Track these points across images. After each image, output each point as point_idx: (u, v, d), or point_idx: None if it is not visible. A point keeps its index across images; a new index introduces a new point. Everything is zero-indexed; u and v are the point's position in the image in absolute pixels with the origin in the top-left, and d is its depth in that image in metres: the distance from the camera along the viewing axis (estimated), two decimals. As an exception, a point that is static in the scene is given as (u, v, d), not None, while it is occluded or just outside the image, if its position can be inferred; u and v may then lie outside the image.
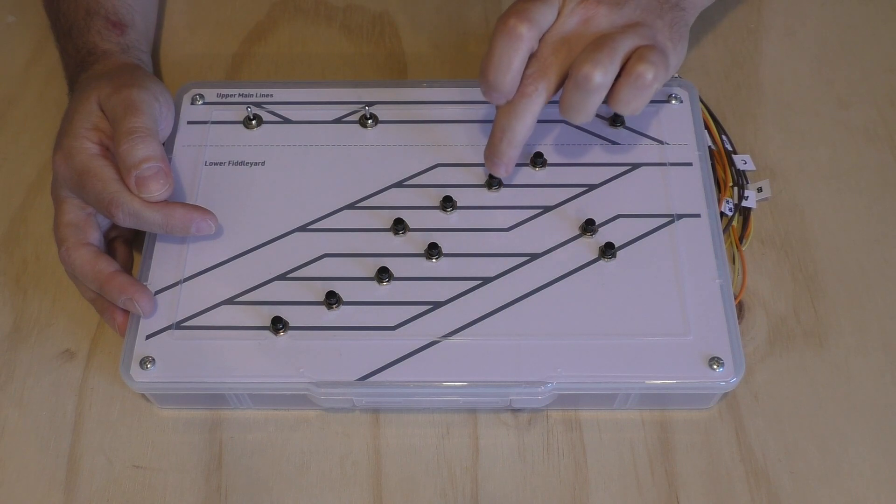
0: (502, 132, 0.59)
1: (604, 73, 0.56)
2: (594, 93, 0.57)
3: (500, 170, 0.61)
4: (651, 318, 0.57)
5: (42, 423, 0.59)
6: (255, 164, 0.65)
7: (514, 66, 0.57)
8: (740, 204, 0.65)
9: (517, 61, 0.57)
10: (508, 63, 0.56)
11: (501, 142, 0.60)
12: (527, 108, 0.58)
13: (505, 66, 0.57)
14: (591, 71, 0.56)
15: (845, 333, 0.61)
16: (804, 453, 0.57)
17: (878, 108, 0.71)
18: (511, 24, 0.56)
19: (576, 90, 0.57)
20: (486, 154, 0.61)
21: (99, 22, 0.67)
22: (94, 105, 0.61)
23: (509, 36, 0.56)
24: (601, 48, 0.56)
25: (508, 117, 0.59)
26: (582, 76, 0.56)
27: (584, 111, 0.58)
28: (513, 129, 0.59)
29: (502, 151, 0.60)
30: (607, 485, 0.56)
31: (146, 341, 0.57)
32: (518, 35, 0.56)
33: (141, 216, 0.58)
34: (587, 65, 0.56)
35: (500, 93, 0.58)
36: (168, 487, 0.57)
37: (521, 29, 0.56)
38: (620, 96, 0.57)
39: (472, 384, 0.56)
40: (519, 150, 0.60)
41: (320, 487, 0.57)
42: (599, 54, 0.56)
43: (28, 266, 0.65)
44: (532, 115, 0.59)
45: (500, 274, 0.59)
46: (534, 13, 0.56)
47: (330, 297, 0.58)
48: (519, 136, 0.59)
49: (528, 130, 0.59)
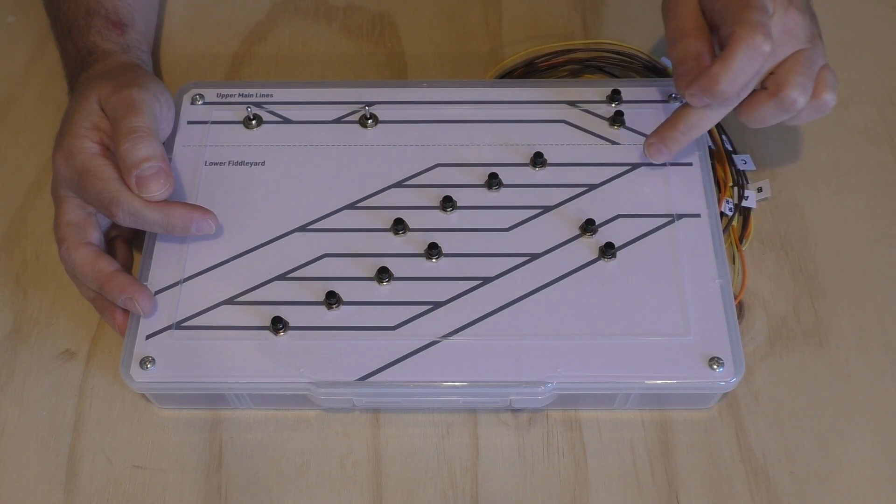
0: (688, 127, 0.60)
1: (807, 97, 0.58)
2: (793, 113, 0.58)
3: (663, 156, 0.62)
4: (651, 318, 0.57)
5: (42, 423, 0.59)
6: (255, 164, 0.65)
7: (747, 81, 0.57)
8: (740, 204, 0.65)
9: (752, 76, 0.57)
10: (744, 78, 0.57)
11: (684, 135, 0.61)
12: (723, 113, 0.60)
13: (741, 80, 0.56)
14: (798, 96, 0.57)
15: (845, 333, 0.61)
16: (804, 453, 0.57)
17: (878, 108, 0.71)
18: (759, 41, 0.55)
19: (777, 107, 0.58)
20: (655, 139, 0.62)
21: (99, 22, 0.67)
22: (94, 105, 0.61)
23: (755, 53, 0.55)
24: (805, 71, 0.58)
25: (702, 118, 0.60)
26: (790, 100, 0.57)
27: (770, 123, 0.60)
28: (700, 128, 0.61)
29: (678, 142, 0.61)
30: (607, 485, 0.56)
31: (146, 341, 0.57)
32: (763, 53, 0.55)
33: (141, 216, 0.58)
34: (795, 90, 0.57)
35: (718, 100, 0.58)
36: (168, 487, 0.57)
37: (766, 47, 0.55)
38: (803, 116, 0.60)
39: (472, 384, 0.56)
40: (689, 142, 0.62)
41: (320, 487, 0.57)
42: (805, 78, 0.57)
43: (28, 266, 0.65)
44: (722, 118, 0.60)
45: (500, 274, 0.59)
46: (770, 29, 0.56)
47: (330, 297, 0.58)
48: (700, 134, 0.61)
49: (708, 129, 0.61)
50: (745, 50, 0.55)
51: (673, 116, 0.61)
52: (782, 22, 0.58)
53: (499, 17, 0.77)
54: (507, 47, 0.75)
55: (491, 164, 0.64)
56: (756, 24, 0.55)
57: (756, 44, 0.55)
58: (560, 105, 0.66)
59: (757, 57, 0.56)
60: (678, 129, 0.61)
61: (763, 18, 0.56)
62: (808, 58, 0.58)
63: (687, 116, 0.60)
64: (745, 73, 0.56)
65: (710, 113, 0.60)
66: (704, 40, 0.59)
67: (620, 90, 0.66)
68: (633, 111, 0.66)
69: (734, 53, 0.55)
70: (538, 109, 0.66)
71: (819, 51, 0.59)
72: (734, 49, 0.55)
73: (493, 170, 0.63)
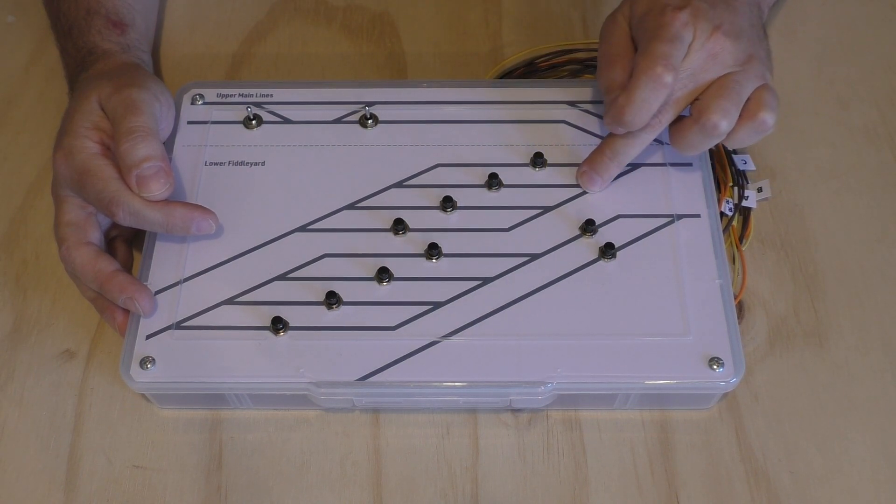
0: (614, 154, 0.61)
1: (730, 121, 0.57)
2: (717, 138, 0.58)
3: (597, 185, 0.62)
4: (651, 318, 0.57)
5: (42, 423, 0.59)
6: (255, 164, 0.65)
7: (654, 111, 0.57)
8: (740, 204, 0.65)
9: (657, 106, 0.57)
10: (649, 109, 0.57)
11: (612, 161, 0.61)
12: (647, 140, 0.60)
13: (646, 111, 0.57)
14: (720, 121, 0.57)
15: (845, 333, 0.61)
16: (804, 453, 0.57)
17: (878, 108, 0.71)
18: (658, 72, 0.56)
19: (700, 133, 0.58)
20: (586, 167, 0.62)
21: (99, 21, 0.67)
22: (94, 104, 0.61)
23: (656, 84, 0.56)
24: (728, 95, 0.57)
25: (625, 144, 0.60)
26: (711, 125, 0.57)
27: (700, 150, 0.60)
28: (626, 154, 0.61)
29: (607, 169, 0.61)
30: (607, 485, 0.56)
31: (146, 341, 0.57)
32: (664, 84, 0.56)
33: (141, 215, 0.58)
34: (716, 114, 0.57)
35: (631, 129, 0.58)
36: (168, 487, 0.57)
37: (668, 78, 0.56)
38: (739, 137, 0.59)
39: (472, 384, 0.56)
40: (621, 169, 0.62)
41: (320, 487, 0.57)
42: (727, 102, 0.57)
43: (28, 266, 0.65)
44: (648, 143, 0.60)
45: (500, 274, 0.59)
46: (676, 59, 0.56)
47: (330, 297, 0.58)
48: (628, 160, 0.61)
49: (637, 154, 0.61)
50: (646, 82, 0.56)
51: (601, 143, 0.62)
52: (705, 48, 0.57)
53: (499, 17, 0.77)
54: (507, 47, 0.75)
55: (491, 164, 0.64)
56: (657, 56, 0.56)
57: (655, 75, 0.56)
58: (560, 105, 0.66)
59: (659, 88, 0.56)
60: (606, 156, 0.61)
61: (666, 49, 0.56)
62: (735, 81, 0.57)
63: (612, 143, 0.61)
64: (649, 104, 0.56)
65: (633, 140, 0.60)
66: (629, 68, 0.59)
67: (620, 90, 0.66)
68: (633, 111, 0.66)
69: (635, 85, 0.56)
70: (538, 109, 0.66)
71: (752, 73, 0.58)
72: (635, 81, 0.56)
73: (493, 170, 0.63)
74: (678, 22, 0.57)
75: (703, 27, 0.57)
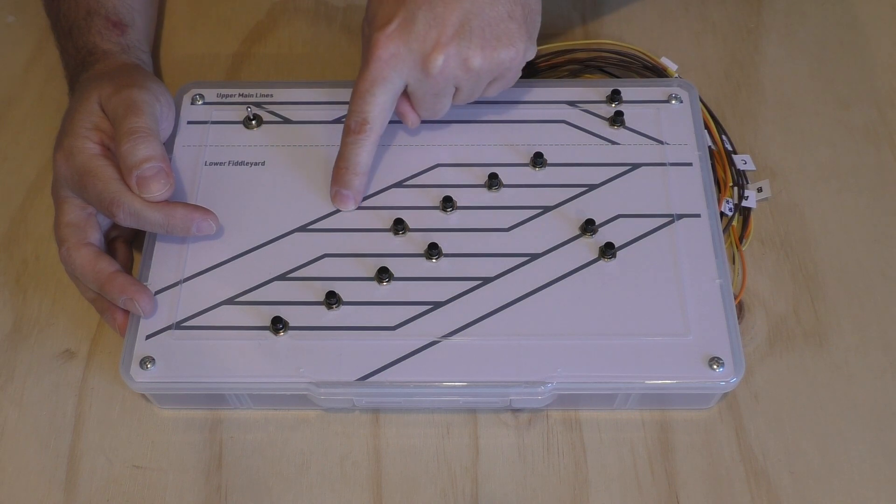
0: (346, 163, 0.61)
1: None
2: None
3: (350, 200, 0.62)
4: (651, 318, 0.57)
5: (42, 423, 0.59)
6: (255, 164, 0.65)
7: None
8: (740, 204, 0.65)
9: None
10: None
11: (348, 171, 0.61)
12: (364, 146, 0.61)
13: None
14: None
15: (845, 333, 0.61)
16: (804, 453, 0.57)
17: (878, 108, 0.71)
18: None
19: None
20: (335, 187, 0.62)
21: (99, 22, 0.67)
22: (95, 105, 0.61)
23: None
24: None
25: (350, 152, 0.61)
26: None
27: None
28: (358, 162, 0.61)
29: (351, 182, 0.61)
30: (607, 485, 0.56)
31: (146, 341, 0.57)
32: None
33: (142, 216, 0.58)
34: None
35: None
36: (168, 487, 0.57)
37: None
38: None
39: (472, 384, 0.56)
40: (366, 178, 0.62)
41: (320, 487, 0.57)
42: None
43: (28, 266, 0.65)
44: (370, 148, 0.61)
45: (500, 274, 0.59)
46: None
47: (330, 297, 0.58)
48: (365, 167, 0.61)
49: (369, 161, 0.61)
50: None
51: (336, 161, 0.62)
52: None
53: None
54: (507, 47, 0.75)
55: (491, 164, 0.64)
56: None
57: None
58: (560, 105, 0.66)
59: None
60: (345, 169, 0.61)
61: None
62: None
63: (345, 154, 0.61)
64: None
65: (355, 147, 0.60)
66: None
67: (620, 90, 0.66)
68: (633, 111, 0.66)
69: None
70: (538, 109, 0.66)
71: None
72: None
73: (493, 170, 0.63)
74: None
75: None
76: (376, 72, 0.58)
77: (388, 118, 0.60)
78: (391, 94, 0.59)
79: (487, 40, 0.58)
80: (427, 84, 0.59)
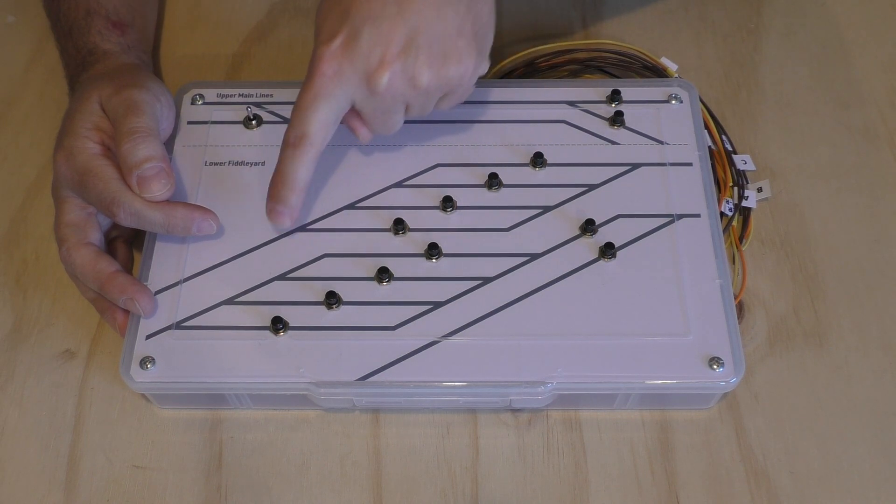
0: (283, 177, 0.58)
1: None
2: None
3: (286, 217, 0.59)
4: (651, 318, 0.57)
5: (42, 423, 0.59)
6: (255, 164, 0.65)
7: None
8: (740, 204, 0.65)
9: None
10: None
11: (284, 186, 0.58)
12: (304, 158, 0.58)
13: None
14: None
15: (845, 333, 0.61)
16: (804, 453, 0.57)
17: (878, 108, 0.71)
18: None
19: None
20: (271, 204, 0.59)
21: (99, 22, 0.67)
22: (95, 105, 0.61)
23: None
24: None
25: (286, 167, 0.58)
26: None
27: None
28: (296, 177, 0.58)
29: (287, 198, 0.59)
30: (607, 485, 0.56)
31: (146, 341, 0.57)
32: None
33: (142, 216, 0.58)
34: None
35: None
36: (168, 487, 0.57)
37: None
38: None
39: (472, 384, 0.56)
40: (303, 195, 0.59)
41: (320, 487, 0.57)
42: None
43: (28, 266, 0.65)
44: (310, 161, 0.58)
45: (500, 274, 0.59)
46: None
47: (330, 297, 0.58)
48: (303, 183, 0.58)
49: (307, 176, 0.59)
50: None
51: (272, 176, 0.59)
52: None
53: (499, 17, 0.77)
54: (507, 47, 0.75)
55: (491, 164, 0.64)
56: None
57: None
58: (560, 105, 0.66)
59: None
60: (281, 184, 0.59)
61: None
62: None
63: (281, 169, 0.59)
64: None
65: (292, 162, 0.58)
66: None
67: (620, 90, 0.66)
68: (633, 111, 0.66)
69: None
70: (538, 109, 0.66)
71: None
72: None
73: (493, 170, 0.63)
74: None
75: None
76: (319, 87, 0.56)
77: (329, 134, 0.58)
78: (334, 111, 0.57)
79: (435, 57, 0.56)
80: (374, 102, 0.57)
